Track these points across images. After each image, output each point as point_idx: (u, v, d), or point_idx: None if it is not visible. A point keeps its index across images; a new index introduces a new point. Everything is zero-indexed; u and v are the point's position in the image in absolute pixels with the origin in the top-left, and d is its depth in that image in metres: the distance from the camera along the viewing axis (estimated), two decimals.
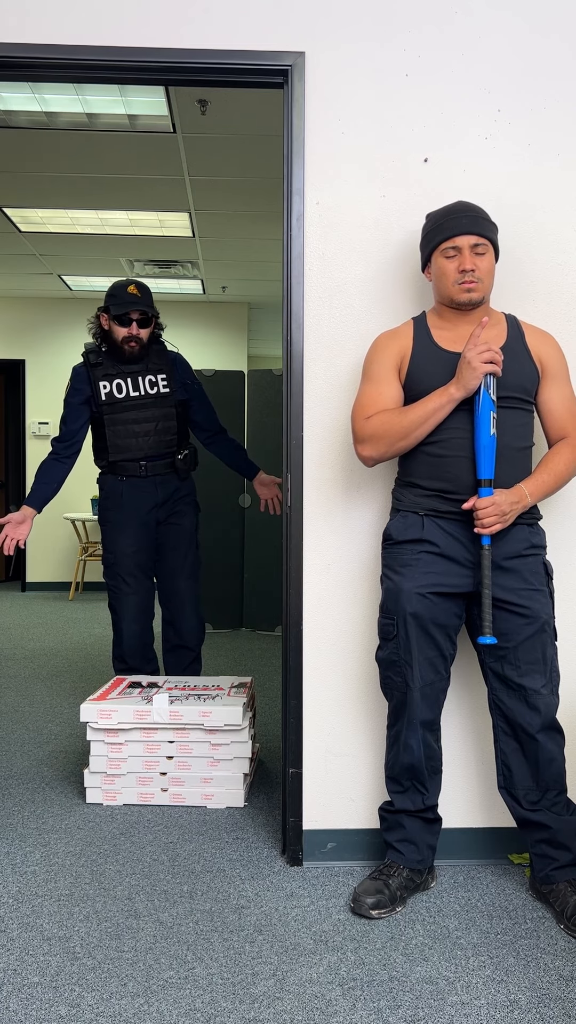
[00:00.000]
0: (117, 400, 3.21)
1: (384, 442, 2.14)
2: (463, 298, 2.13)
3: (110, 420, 3.22)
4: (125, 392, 3.21)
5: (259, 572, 5.85)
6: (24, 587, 8.10)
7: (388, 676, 2.22)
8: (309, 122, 2.34)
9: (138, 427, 3.22)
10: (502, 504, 2.04)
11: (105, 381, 3.20)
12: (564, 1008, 1.77)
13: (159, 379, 3.24)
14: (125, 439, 3.22)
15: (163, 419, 3.25)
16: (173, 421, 3.27)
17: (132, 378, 3.21)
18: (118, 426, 3.22)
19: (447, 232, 2.12)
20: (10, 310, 8.02)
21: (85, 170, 4.81)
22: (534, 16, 2.34)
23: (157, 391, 3.23)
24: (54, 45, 2.30)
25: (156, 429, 3.23)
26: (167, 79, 2.41)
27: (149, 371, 3.23)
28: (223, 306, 8.17)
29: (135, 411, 3.22)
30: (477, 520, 2.05)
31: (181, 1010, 1.75)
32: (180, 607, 3.33)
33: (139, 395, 3.22)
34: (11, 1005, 1.77)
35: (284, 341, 2.38)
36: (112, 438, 3.22)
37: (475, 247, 2.11)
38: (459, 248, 2.11)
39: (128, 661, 3.29)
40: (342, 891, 2.27)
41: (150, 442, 3.24)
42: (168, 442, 3.27)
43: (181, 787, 2.80)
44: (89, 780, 2.82)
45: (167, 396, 3.25)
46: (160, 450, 3.25)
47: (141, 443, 3.23)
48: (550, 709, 2.14)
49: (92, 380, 3.21)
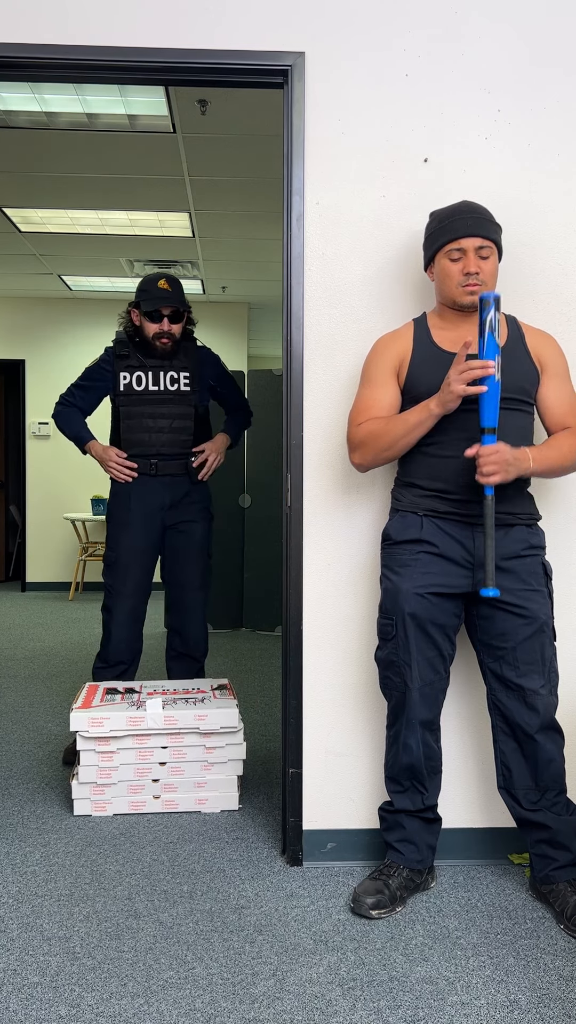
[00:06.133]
0: (135, 392, 3.18)
1: (371, 451, 2.14)
2: (466, 300, 2.12)
3: (126, 412, 3.19)
4: (144, 385, 3.18)
5: (259, 572, 5.85)
6: (24, 587, 8.10)
7: (387, 676, 2.22)
8: (309, 122, 2.34)
9: (153, 422, 3.18)
10: (505, 453, 2.00)
11: (126, 372, 3.18)
12: (564, 1008, 1.77)
13: (181, 376, 3.19)
14: (138, 433, 3.19)
15: (180, 417, 3.20)
16: (190, 421, 3.22)
17: (153, 372, 3.18)
18: (133, 419, 3.19)
19: (452, 234, 2.11)
20: (10, 310, 8.02)
21: (85, 170, 4.81)
22: (534, 16, 2.34)
23: (177, 388, 3.19)
24: (54, 45, 2.30)
25: (171, 427, 3.19)
26: (167, 79, 2.41)
27: (173, 367, 3.19)
28: (223, 306, 8.17)
29: (152, 405, 3.19)
30: (479, 468, 2.01)
31: (181, 1010, 1.75)
32: (188, 617, 3.26)
33: (158, 389, 3.18)
34: (11, 1005, 1.77)
35: (284, 341, 2.38)
36: (126, 432, 3.19)
37: (480, 249, 2.10)
38: (464, 250, 2.11)
39: (109, 662, 3.20)
40: (342, 891, 2.27)
41: (163, 439, 3.19)
42: (183, 441, 3.21)
43: (174, 793, 2.76)
44: (77, 791, 2.74)
45: (187, 395, 3.20)
46: (174, 449, 3.20)
47: (154, 439, 3.18)
48: (549, 709, 2.14)
49: (115, 370, 3.20)
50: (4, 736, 3.58)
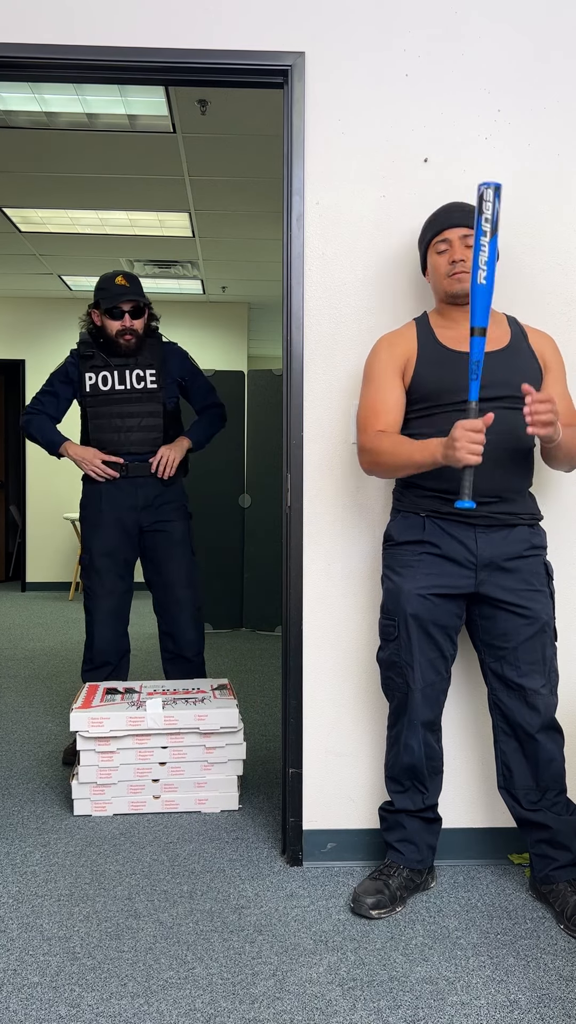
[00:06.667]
0: (102, 392, 3.15)
1: (378, 466, 2.14)
2: (455, 288, 2.13)
3: (93, 413, 3.16)
4: (110, 385, 3.15)
5: (259, 572, 5.85)
6: (24, 587, 8.10)
7: (389, 677, 2.22)
8: (309, 122, 2.34)
9: (121, 421, 3.15)
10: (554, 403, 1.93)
11: (91, 372, 3.15)
12: (564, 1008, 1.77)
13: (147, 374, 3.16)
14: (108, 433, 3.15)
15: (148, 415, 3.17)
16: (159, 419, 3.18)
17: (119, 371, 3.15)
18: (101, 419, 3.16)
19: (438, 226, 2.16)
20: (10, 310, 8.02)
21: (85, 170, 4.81)
22: (535, 17, 2.34)
23: (144, 385, 3.15)
24: (54, 45, 2.30)
25: (140, 425, 3.16)
26: (167, 79, 2.41)
27: (138, 365, 3.16)
28: (223, 306, 8.17)
29: (119, 405, 3.16)
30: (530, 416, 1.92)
31: (181, 1010, 1.75)
32: (176, 617, 3.23)
33: (124, 388, 3.15)
34: (11, 1005, 1.77)
35: (284, 341, 2.38)
36: (95, 432, 3.16)
37: (464, 238, 2.13)
38: (450, 241, 2.14)
39: (95, 663, 3.18)
40: (342, 891, 2.27)
41: (133, 437, 3.16)
42: (153, 440, 3.18)
43: (174, 793, 2.76)
44: (77, 791, 2.74)
45: (155, 392, 3.17)
46: (144, 448, 3.17)
47: (123, 438, 3.15)
48: (549, 709, 2.14)
49: (80, 371, 3.17)
50: (4, 736, 3.58)
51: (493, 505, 2.11)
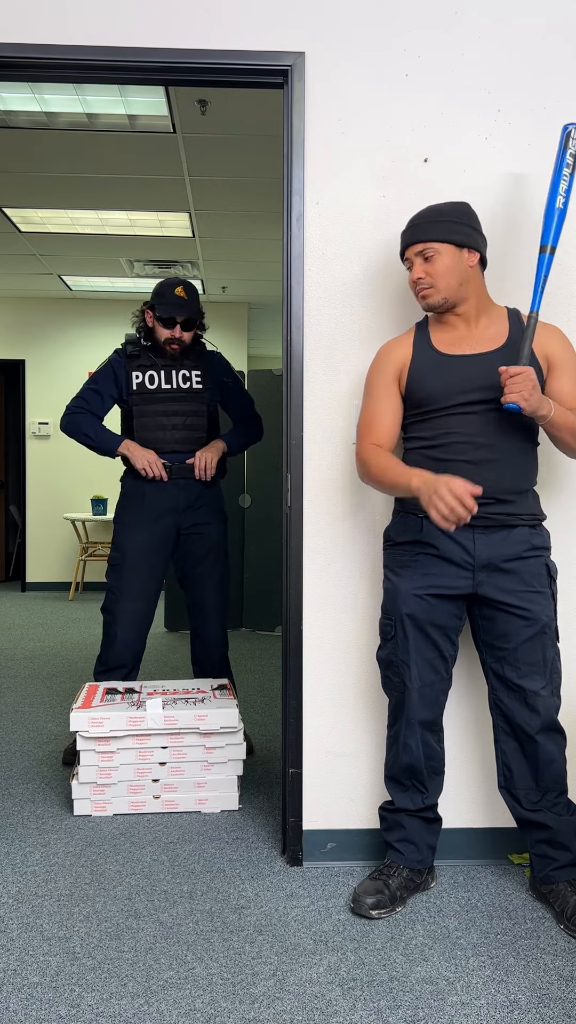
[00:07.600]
0: (148, 391, 3.18)
1: (367, 478, 2.17)
2: (423, 305, 2.17)
3: (139, 411, 3.18)
4: (157, 383, 3.18)
5: (259, 572, 5.85)
6: (24, 587, 8.10)
7: (387, 676, 2.22)
8: (309, 122, 2.34)
9: (167, 420, 3.18)
10: (532, 376, 1.98)
11: (139, 371, 3.18)
12: (564, 1008, 1.77)
13: (193, 375, 3.20)
14: (153, 431, 3.18)
15: (193, 415, 3.20)
16: (203, 419, 3.22)
17: (166, 371, 3.19)
18: (147, 418, 3.18)
19: (402, 246, 2.18)
20: (10, 310, 8.02)
21: (85, 170, 4.81)
22: (534, 16, 2.34)
23: (190, 386, 3.20)
24: (54, 45, 2.30)
25: (185, 424, 3.19)
26: (167, 79, 2.41)
27: (184, 366, 3.20)
28: (223, 306, 8.17)
29: (165, 403, 3.18)
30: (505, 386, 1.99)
31: (181, 1010, 1.75)
32: (206, 620, 3.26)
33: (171, 388, 3.18)
34: (11, 1005, 1.77)
35: (284, 341, 2.38)
36: (140, 430, 3.18)
37: (421, 253, 2.13)
38: (410, 260, 2.16)
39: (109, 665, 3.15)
40: (342, 891, 2.27)
41: (177, 436, 3.18)
42: (197, 439, 3.21)
43: (174, 793, 2.76)
44: (77, 791, 2.74)
45: (199, 392, 3.21)
46: (187, 447, 3.20)
47: (168, 436, 3.18)
48: (550, 710, 2.14)
49: (127, 370, 3.19)
50: (4, 736, 3.58)
51: (491, 506, 2.11)
